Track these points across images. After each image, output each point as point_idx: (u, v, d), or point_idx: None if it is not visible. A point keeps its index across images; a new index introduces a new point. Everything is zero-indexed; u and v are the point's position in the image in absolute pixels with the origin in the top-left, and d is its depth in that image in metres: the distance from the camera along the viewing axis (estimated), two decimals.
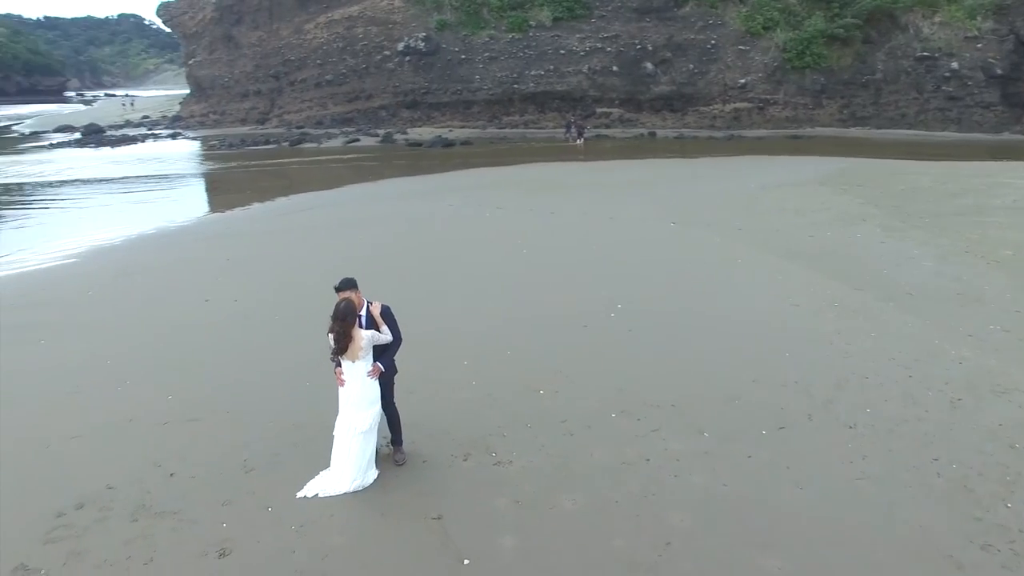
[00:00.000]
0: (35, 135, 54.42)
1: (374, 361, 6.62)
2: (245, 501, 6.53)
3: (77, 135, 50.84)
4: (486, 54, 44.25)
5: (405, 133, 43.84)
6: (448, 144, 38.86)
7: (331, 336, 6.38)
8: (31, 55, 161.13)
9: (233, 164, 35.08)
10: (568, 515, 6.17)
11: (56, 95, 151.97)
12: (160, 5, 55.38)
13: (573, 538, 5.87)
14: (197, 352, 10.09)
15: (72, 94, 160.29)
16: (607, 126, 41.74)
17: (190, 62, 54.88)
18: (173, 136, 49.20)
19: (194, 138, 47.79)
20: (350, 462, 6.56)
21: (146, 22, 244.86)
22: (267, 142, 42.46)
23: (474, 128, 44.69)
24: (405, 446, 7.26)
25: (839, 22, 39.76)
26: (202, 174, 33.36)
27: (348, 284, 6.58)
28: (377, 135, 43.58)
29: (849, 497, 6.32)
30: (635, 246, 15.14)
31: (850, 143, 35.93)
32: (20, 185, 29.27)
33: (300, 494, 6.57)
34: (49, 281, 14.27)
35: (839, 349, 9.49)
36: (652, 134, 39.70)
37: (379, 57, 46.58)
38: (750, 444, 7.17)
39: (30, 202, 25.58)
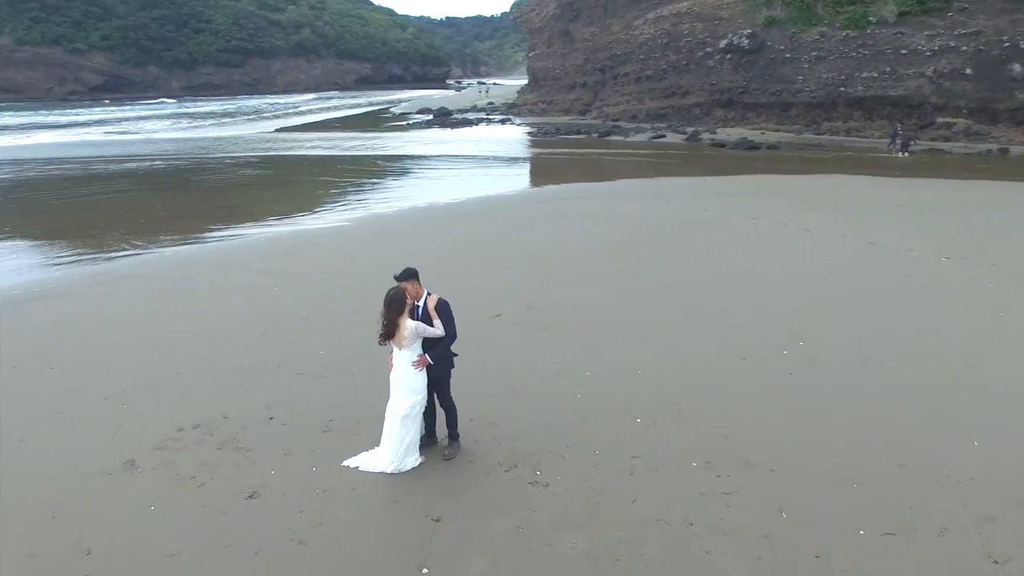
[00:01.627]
0: (402, 115, 63.59)
1: (424, 352, 6.59)
2: (302, 456, 7.02)
3: (429, 116, 58.19)
4: (813, 53, 40.26)
5: (714, 132, 42.11)
6: (753, 147, 36.41)
7: (380, 321, 6.50)
8: (427, 49, 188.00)
9: (539, 150, 37.17)
10: (557, 557, 5.52)
11: (440, 82, 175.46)
12: (513, 4, 60.57)
13: None
14: (369, 316, 10.98)
15: (452, 82, 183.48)
16: (946, 139, 35.20)
17: (530, 55, 59.23)
18: (503, 121, 53.71)
19: (519, 124, 51.62)
20: (388, 445, 6.65)
21: None
22: (579, 132, 44.09)
23: (788, 132, 41.15)
24: (467, 444, 7.14)
25: None
26: (504, 158, 35.85)
27: (406, 274, 6.61)
28: (685, 133, 42.58)
29: None
30: (875, 279, 12.70)
31: None
32: (361, 157, 34.59)
33: (345, 463, 6.84)
34: (317, 238, 16.70)
35: None
36: (1003, 151, 32.45)
37: (700, 54, 45.21)
38: (830, 542, 5.65)
39: (358, 171, 30.07)
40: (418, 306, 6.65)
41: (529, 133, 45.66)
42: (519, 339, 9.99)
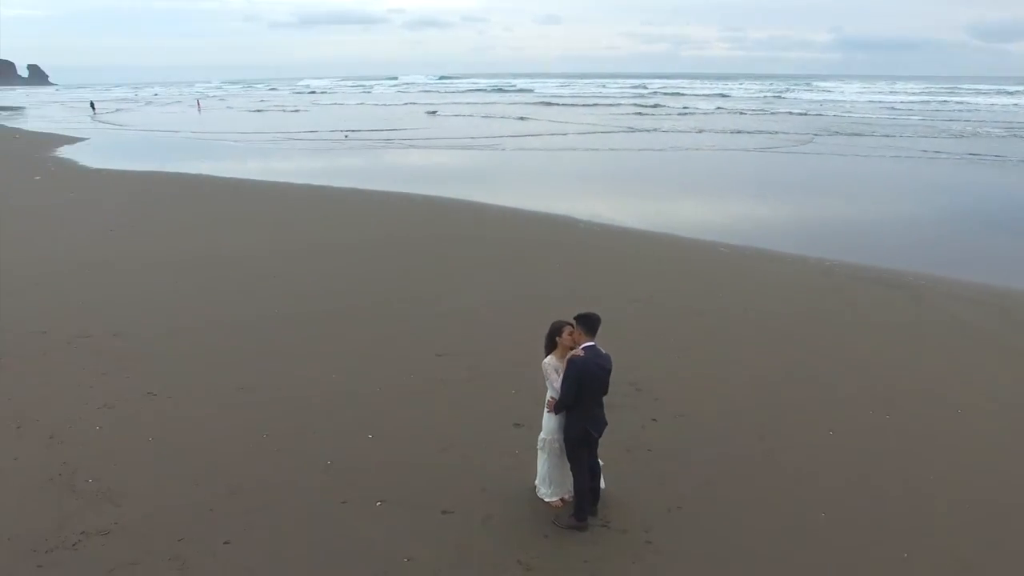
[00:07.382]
0: None
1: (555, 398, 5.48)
2: (524, 435, 6.61)
3: None
4: None
5: None
6: None
7: None
8: None
9: None
10: None
11: None
12: None
13: None
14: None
15: None
16: None
17: None
18: None
19: None
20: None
21: None
22: None
23: None
24: (594, 531, 5.45)
25: None
26: None
27: (578, 318, 5.43)
28: None
29: None
30: None
31: None
32: None
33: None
34: None
35: None
36: None
37: None
38: None
39: None
40: (581, 350, 5.41)
41: None
42: None
